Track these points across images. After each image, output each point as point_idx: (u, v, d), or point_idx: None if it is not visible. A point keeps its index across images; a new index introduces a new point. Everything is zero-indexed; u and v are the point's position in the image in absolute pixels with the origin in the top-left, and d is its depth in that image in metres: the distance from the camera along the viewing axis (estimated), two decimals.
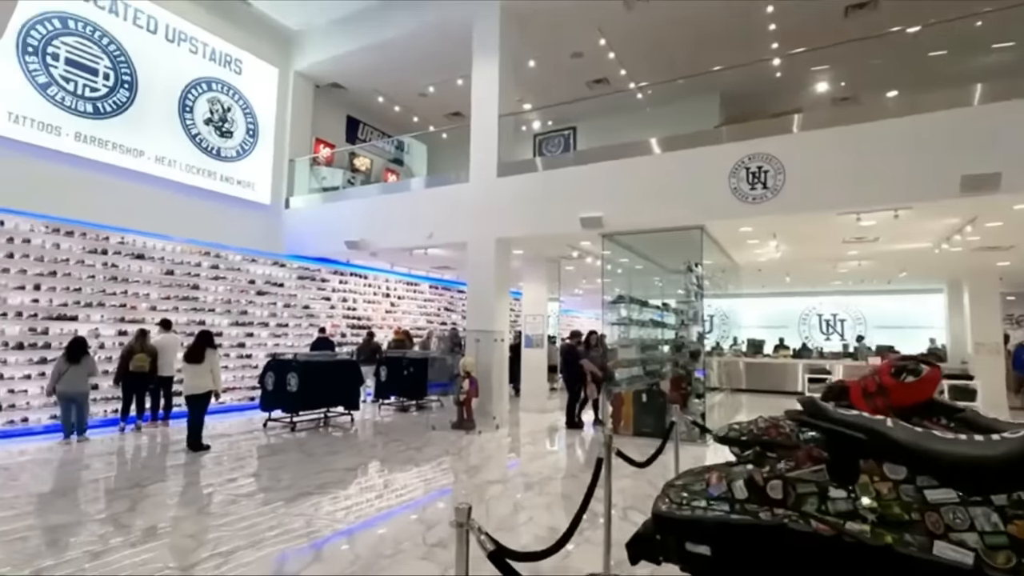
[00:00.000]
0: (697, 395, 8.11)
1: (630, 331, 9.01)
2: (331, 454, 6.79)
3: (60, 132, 8.48)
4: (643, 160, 8.22)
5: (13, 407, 7.58)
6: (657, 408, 8.13)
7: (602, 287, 8.77)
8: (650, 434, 8.01)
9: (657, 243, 8.89)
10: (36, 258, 7.96)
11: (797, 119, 7.45)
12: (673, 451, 4.84)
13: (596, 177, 8.47)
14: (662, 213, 7.99)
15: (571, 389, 8.90)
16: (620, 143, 8.65)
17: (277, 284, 11.51)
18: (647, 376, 8.96)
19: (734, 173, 7.49)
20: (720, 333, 12.93)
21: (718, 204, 7.58)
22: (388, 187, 11.24)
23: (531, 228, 9.00)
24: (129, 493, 5.04)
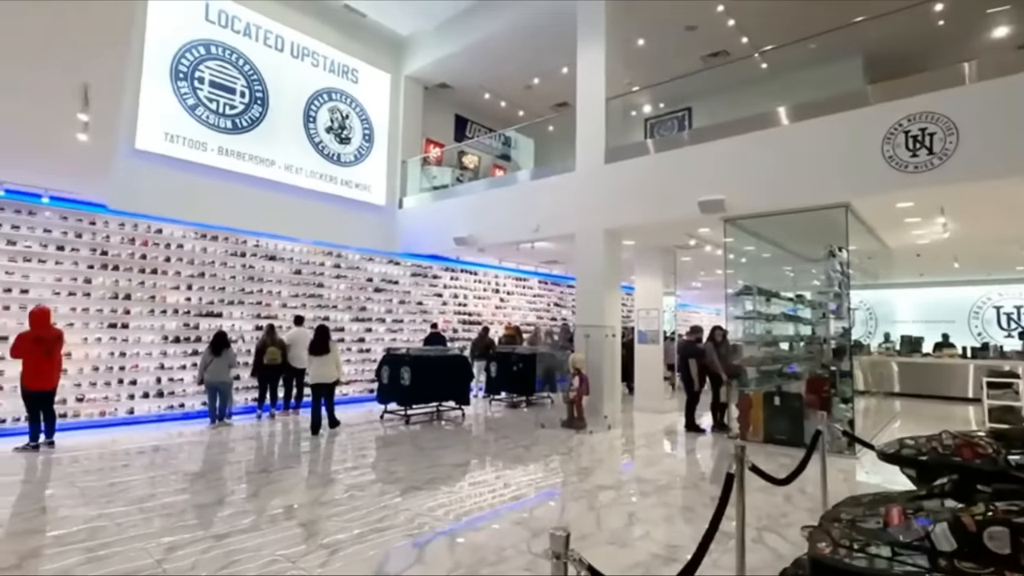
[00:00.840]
0: (844, 399, 7.03)
1: (757, 326, 8.07)
2: (441, 448, 6.80)
3: (205, 147, 9.44)
4: (770, 134, 7.29)
5: (172, 394, 8.56)
6: (792, 413, 7.17)
7: (724, 278, 7.94)
8: (784, 442, 7.10)
9: (789, 227, 7.85)
10: (188, 261, 8.92)
11: (970, 68, 6.13)
12: (819, 466, 4.10)
13: (715, 156, 7.68)
14: (795, 192, 7.03)
15: (690, 389, 8.19)
16: (740, 118, 7.75)
17: (392, 281, 11.97)
18: (779, 377, 7.97)
19: (889, 139, 6.36)
20: (866, 328, 11.30)
21: (868, 176, 6.49)
22: (494, 182, 11.20)
23: (643, 216, 8.41)
24: (256, 478, 5.35)
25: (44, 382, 6.39)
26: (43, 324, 6.43)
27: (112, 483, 5.09)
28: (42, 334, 6.39)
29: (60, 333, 6.65)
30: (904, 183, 6.25)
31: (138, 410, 8.20)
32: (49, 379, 6.45)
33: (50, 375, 6.45)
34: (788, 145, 7.11)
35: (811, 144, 6.91)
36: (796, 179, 7.00)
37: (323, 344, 7.65)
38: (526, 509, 4.47)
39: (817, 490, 4.29)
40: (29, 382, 6.33)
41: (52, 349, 6.45)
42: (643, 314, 10.66)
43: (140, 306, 8.33)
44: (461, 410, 9.46)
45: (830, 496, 3.81)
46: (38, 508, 4.45)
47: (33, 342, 6.33)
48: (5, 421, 7.07)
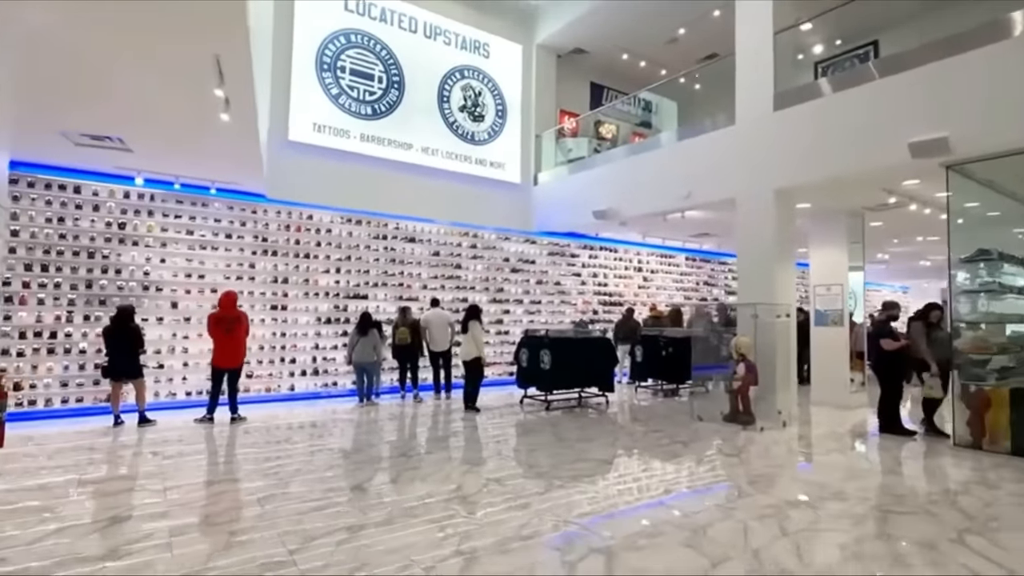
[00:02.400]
0: None
1: (991, 304, 6.17)
2: (585, 441, 6.14)
3: (348, 135, 9.70)
4: (1004, 47, 5.40)
5: (326, 372, 8.97)
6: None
7: (948, 240, 6.15)
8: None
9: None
10: (336, 245, 9.26)
11: None
12: None
13: (926, 85, 5.93)
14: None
15: (886, 382, 6.54)
16: (954, 35, 5.87)
17: (529, 261, 11.53)
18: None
19: None
20: None
21: None
22: (636, 147, 10.15)
23: (825, 170, 6.88)
24: (396, 463, 5.15)
25: (227, 360, 6.85)
26: (227, 306, 6.92)
27: (268, 459, 5.21)
28: (224, 315, 6.88)
29: (240, 315, 7.04)
30: None
31: (298, 387, 8.70)
32: (232, 357, 6.87)
33: (233, 354, 6.88)
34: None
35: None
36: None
37: (464, 323, 7.85)
38: (696, 526, 3.63)
39: None
40: (215, 359, 6.87)
41: (232, 329, 6.87)
42: (822, 291, 8.97)
43: (296, 289, 8.80)
44: (605, 397, 8.73)
45: None
46: (201, 482, 4.62)
47: (216, 323, 6.85)
48: (190, 394, 7.85)
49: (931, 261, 15.91)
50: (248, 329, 7.02)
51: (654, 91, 14.50)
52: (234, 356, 6.84)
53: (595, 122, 13.21)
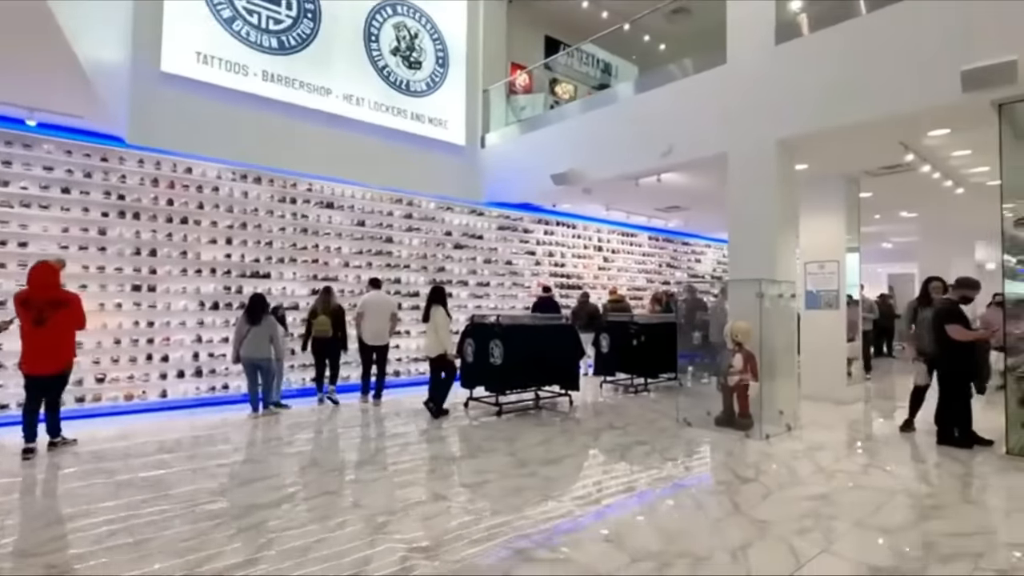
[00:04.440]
0: None
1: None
2: (551, 463, 4.53)
3: (247, 71, 7.62)
4: None
5: (213, 372, 6.96)
6: None
7: (1001, 195, 4.92)
8: None
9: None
10: (226, 208, 7.21)
11: None
12: None
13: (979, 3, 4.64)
14: None
15: (951, 380, 5.13)
16: None
17: (476, 236, 9.81)
18: None
19: None
20: None
21: None
22: (602, 98, 8.59)
23: (842, 115, 5.53)
24: (267, 515, 3.36)
25: (39, 362, 4.66)
26: (39, 284, 4.69)
27: (65, 519, 3.30)
28: (32, 297, 4.68)
29: (64, 297, 4.82)
30: None
31: (173, 392, 6.67)
32: (47, 359, 4.69)
33: (48, 353, 4.69)
34: None
35: None
36: None
37: (425, 309, 6.47)
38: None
39: None
40: (23, 362, 4.72)
41: (47, 318, 4.64)
42: (814, 269, 7.74)
43: (169, 264, 6.73)
44: (568, 397, 7.18)
45: None
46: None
47: (21, 307, 4.69)
48: (7, 406, 5.69)
49: (893, 243, 15.34)
50: (81, 319, 4.89)
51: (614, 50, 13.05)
52: (50, 357, 4.69)
53: (551, 80, 11.61)
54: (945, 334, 4.96)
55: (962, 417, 5.10)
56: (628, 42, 13.16)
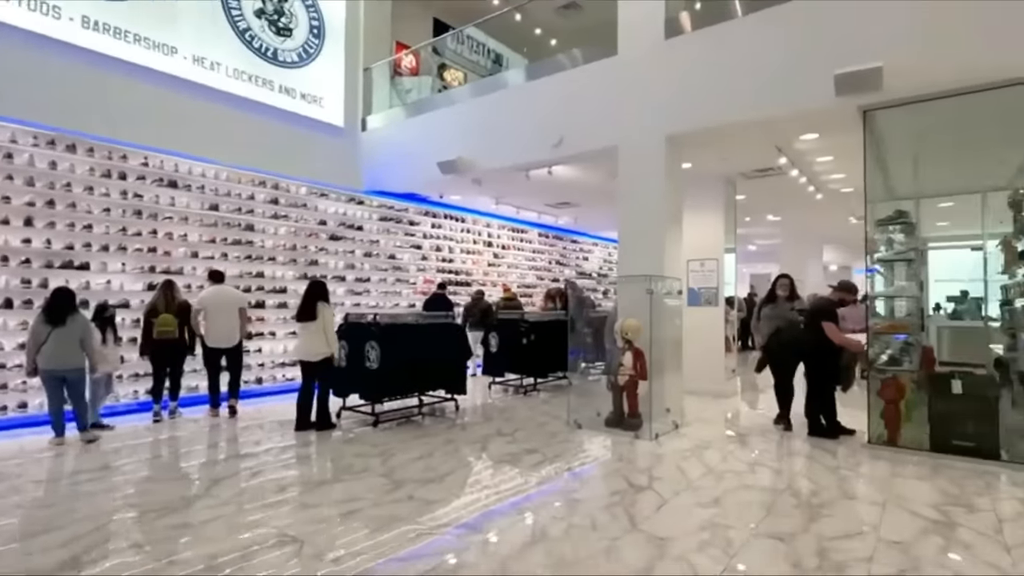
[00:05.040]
0: None
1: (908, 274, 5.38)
2: (429, 482, 3.97)
3: (59, 13, 6.17)
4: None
5: (5, 388, 5.50)
6: (984, 407, 4.57)
7: (865, 198, 5.19)
8: (972, 451, 4.51)
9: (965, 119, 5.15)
10: (25, 181, 5.75)
11: None
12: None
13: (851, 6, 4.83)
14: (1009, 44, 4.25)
15: (819, 374, 5.41)
16: None
17: (355, 227, 8.93)
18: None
19: None
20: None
21: None
22: (494, 83, 8.16)
23: (725, 114, 5.56)
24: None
25: None
26: None
27: None
28: None
29: None
30: None
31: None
32: None
33: None
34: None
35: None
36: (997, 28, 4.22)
37: (310, 307, 5.58)
38: None
39: None
40: None
41: None
42: (695, 267, 7.93)
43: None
44: (455, 401, 6.66)
45: None
46: None
47: None
48: None
49: (757, 245, 16.66)
50: None
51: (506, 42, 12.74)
52: None
53: (439, 65, 11.00)
54: (818, 330, 5.14)
55: (828, 408, 5.36)
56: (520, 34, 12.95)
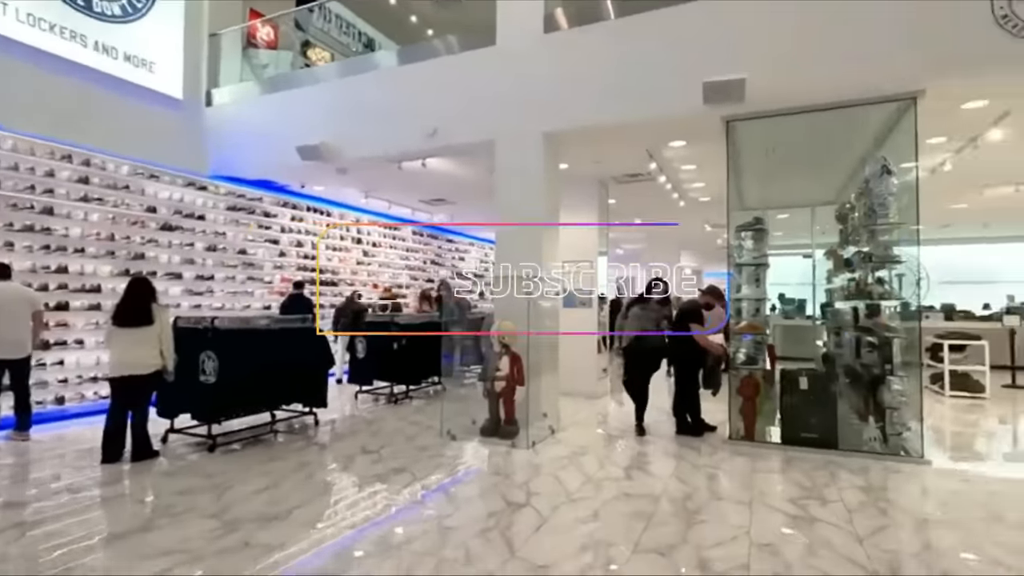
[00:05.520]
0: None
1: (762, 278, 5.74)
2: (271, 520, 3.32)
3: None
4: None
5: None
6: (825, 400, 4.97)
7: (728, 204, 5.43)
8: (816, 442, 4.88)
9: (804, 136, 5.62)
10: None
11: None
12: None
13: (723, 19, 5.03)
14: (847, 70, 4.65)
15: (686, 375, 5.59)
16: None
17: (195, 216, 7.70)
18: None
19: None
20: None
21: (967, 48, 4.30)
22: (364, 63, 7.48)
23: (602, 113, 5.53)
24: None
25: None
26: None
27: None
28: None
29: None
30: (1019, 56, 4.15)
31: None
32: None
33: None
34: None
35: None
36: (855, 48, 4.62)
37: (143, 309, 4.50)
38: None
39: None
40: None
41: None
42: (571, 268, 7.93)
43: None
44: (314, 415, 5.91)
45: None
46: None
47: None
48: None
49: (624, 249, 17.54)
50: None
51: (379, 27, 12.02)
52: None
53: (303, 42, 9.98)
54: (685, 330, 5.28)
55: (693, 406, 5.56)
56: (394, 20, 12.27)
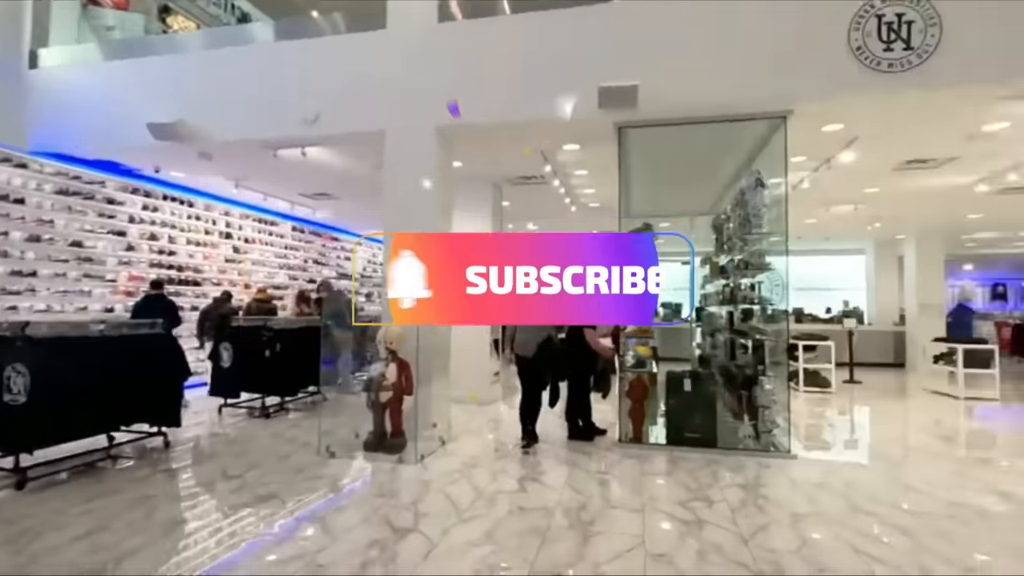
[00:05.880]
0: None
1: None
2: None
3: None
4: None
5: None
6: (705, 401, 5.19)
7: (619, 213, 5.48)
8: (699, 442, 5.07)
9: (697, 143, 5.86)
10: None
11: None
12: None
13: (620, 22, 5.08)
14: (729, 86, 4.89)
15: (579, 377, 5.52)
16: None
17: (10, 200, 6.37)
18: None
19: (858, 24, 4.62)
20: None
21: (829, 74, 4.70)
22: (235, 34, 6.67)
23: (501, 112, 5.36)
24: None
25: None
26: None
27: None
28: None
29: None
30: (877, 84, 4.59)
31: None
32: None
33: None
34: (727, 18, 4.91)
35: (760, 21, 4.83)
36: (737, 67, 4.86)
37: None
38: None
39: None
40: None
41: None
42: None
43: None
44: (163, 436, 5.08)
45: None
46: None
47: None
48: None
49: None
50: None
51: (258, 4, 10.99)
52: None
53: (161, 7, 8.78)
54: (579, 336, 5.25)
55: (585, 411, 5.56)
56: None
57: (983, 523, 3.42)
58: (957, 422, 6.61)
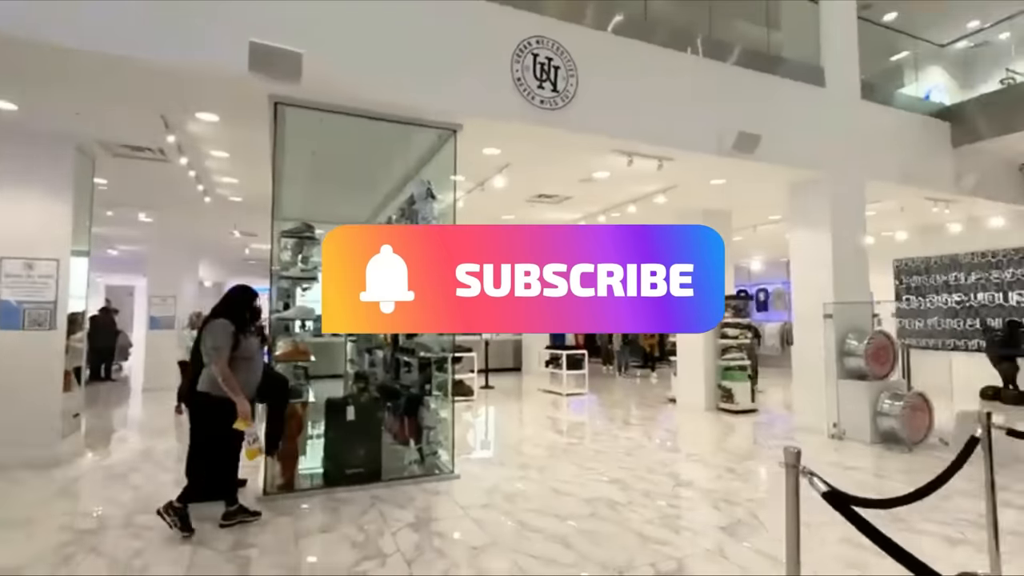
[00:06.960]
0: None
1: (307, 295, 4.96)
2: None
3: None
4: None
5: None
6: (371, 429, 4.62)
7: (272, 209, 4.27)
8: (362, 477, 4.45)
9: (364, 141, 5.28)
10: None
11: (592, 9, 5.46)
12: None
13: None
14: (404, 85, 4.54)
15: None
16: None
17: None
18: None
19: (519, 56, 4.94)
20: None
21: (493, 97, 4.86)
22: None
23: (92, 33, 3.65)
24: None
25: None
26: None
27: None
28: None
29: None
30: (532, 117, 4.96)
31: None
32: None
33: None
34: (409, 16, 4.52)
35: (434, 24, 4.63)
36: (406, 66, 4.53)
37: None
38: None
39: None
40: None
41: None
42: (16, 269, 5.14)
43: None
44: None
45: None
46: None
47: None
48: None
49: (120, 250, 13.57)
50: None
51: None
52: None
53: None
54: None
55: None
56: None
57: (614, 514, 3.85)
58: (568, 415, 7.92)
